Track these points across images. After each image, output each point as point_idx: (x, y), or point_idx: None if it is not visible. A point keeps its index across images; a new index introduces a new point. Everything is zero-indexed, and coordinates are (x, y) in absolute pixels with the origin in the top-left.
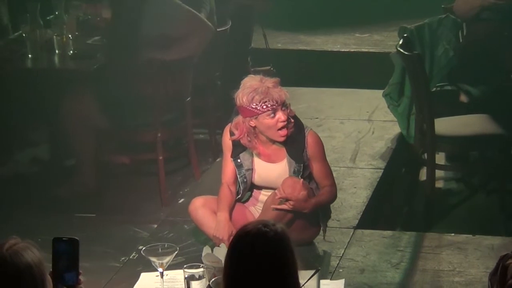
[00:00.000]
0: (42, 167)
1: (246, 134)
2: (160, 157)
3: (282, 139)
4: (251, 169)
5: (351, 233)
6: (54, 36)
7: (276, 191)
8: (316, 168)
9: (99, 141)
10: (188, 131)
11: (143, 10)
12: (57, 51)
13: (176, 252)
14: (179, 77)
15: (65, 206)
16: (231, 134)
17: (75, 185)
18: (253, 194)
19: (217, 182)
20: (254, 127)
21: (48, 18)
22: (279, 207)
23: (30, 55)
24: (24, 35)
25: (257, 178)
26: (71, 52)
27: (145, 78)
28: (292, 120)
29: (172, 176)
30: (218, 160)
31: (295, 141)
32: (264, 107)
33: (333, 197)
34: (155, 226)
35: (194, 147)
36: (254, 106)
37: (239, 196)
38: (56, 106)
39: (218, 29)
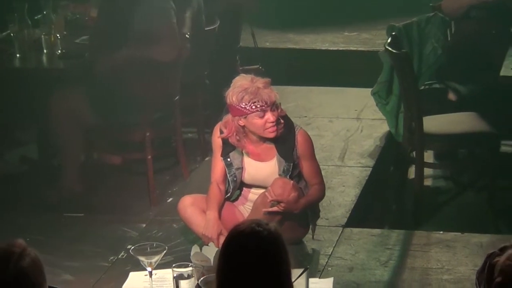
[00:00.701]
0: (31, 166)
1: (235, 133)
2: (149, 157)
3: (272, 135)
4: (241, 168)
5: (340, 232)
6: (42, 36)
7: (266, 192)
8: (305, 167)
9: (88, 140)
10: (177, 130)
11: (128, 10)
12: (45, 51)
13: (164, 251)
14: (167, 76)
15: (54, 206)
16: (221, 132)
17: (62, 190)
18: (242, 193)
19: (206, 181)
20: (243, 126)
21: (36, 17)
22: (270, 209)
23: (18, 55)
24: (12, 34)
25: (247, 177)
26: (60, 51)
27: (132, 78)
28: (282, 121)
29: (161, 175)
30: (206, 159)
31: (285, 140)
32: (253, 107)
33: (322, 195)
34: (144, 225)
35: (182, 146)
36: (243, 106)
37: (228, 195)
38: (44, 105)
39: (206, 28)
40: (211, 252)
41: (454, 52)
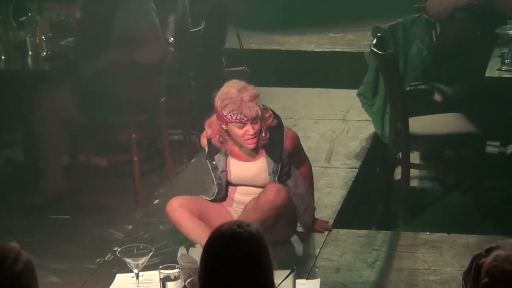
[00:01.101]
0: (16, 168)
1: (218, 135)
2: (135, 158)
3: (250, 147)
4: (225, 171)
5: (327, 233)
6: (27, 38)
7: (258, 197)
8: (296, 159)
9: (74, 142)
10: (163, 131)
11: (109, 12)
12: (30, 53)
13: (151, 253)
14: (153, 77)
15: (40, 208)
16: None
17: (45, 192)
18: (228, 194)
19: (192, 182)
20: (226, 130)
21: (21, 19)
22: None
23: (3, 57)
24: None
25: (233, 178)
26: (45, 53)
27: (118, 79)
28: (264, 135)
29: (147, 177)
30: (193, 160)
31: (274, 141)
32: (234, 117)
33: (311, 171)
34: (130, 227)
35: (168, 147)
36: (225, 114)
37: (213, 198)
38: (29, 107)
39: (191, 30)
40: (197, 254)
41: (440, 53)
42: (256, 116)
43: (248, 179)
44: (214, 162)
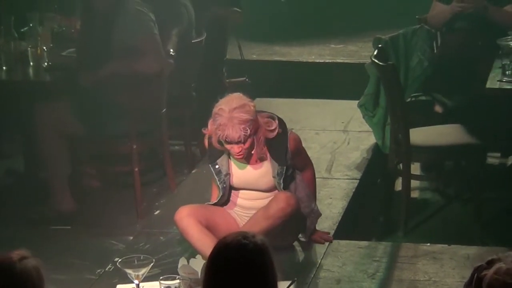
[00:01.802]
0: (17, 179)
1: (216, 136)
2: (136, 169)
3: (238, 158)
4: (229, 174)
5: (327, 244)
6: (29, 48)
7: (268, 206)
8: (299, 160)
9: (75, 153)
10: (164, 142)
11: (108, 23)
12: (31, 63)
13: (152, 264)
14: (154, 88)
15: (41, 219)
16: (209, 138)
17: (49, 210)
18: (230, 198)
19: (193, 193)
20: None
21: (22, 30)
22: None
23: (4, 67)
24: None
25: (235, 181)
26: (46, 64)
27: (119, 90)
28: (253, 152)
29: (148, 188)
30: (194, 171)
31: (278, 143)
32: (218, 134)
33: (314, 176)
34: (131, 238)
35: (169, 158)
36: (214, 127)
37: (216, 201)
38: (30, 118)
39: (193, 41)
40: (198, 264)
41: (441, 64)
42: (239, 141)
43: (252, 182)
44: (217, 166)
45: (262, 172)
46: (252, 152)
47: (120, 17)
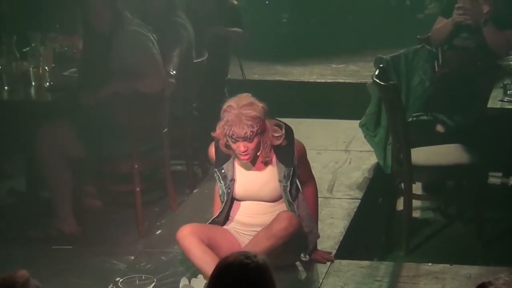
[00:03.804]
0: (19, 199)
1: (224, 138)
2: (137, 189)
3: (243, 160)
4: (234, 179)
5: (329, 264)
6: (31, 68)
7: (271, 226)
8: (302, 168)
9: (76, 173)
10: (165, 162)
11: (107, 44)
12: (33, 83)
13: (153, 284)
14: (155, 108)
15: (42, 239)
16: (216, 142)
17: (52, 231)
18: (230, 214)
19: (194, 213)
20: None
21: (24, 50)
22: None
23: (6, 87)
24: (0, 67)
25: (238, 190)
26: (48, 84)
27: (120, 110)
28: (258, 154)
29: (149, 208)
30: (195, 191)
31: (284, 146)
32: (225, 131)
33: (317, 194)
34: (132, 257)
35: (171, 178)
36: (222, 124)
37: (219, 212)
38: (32, 138)
39: (194, 60)
40: (200, 284)
41: (442, 84)
42: (245, 137)
43: (255, 190)
44: (223, 171)
45: (267, 177)
46: (258, 154)
47: (119, 38)
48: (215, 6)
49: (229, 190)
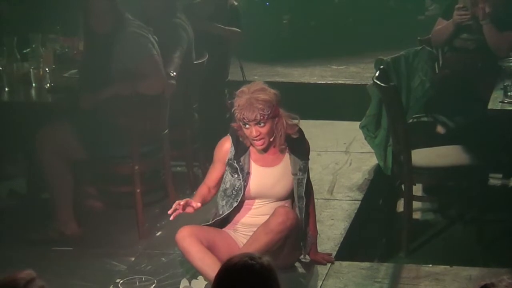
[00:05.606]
0: (19, 200)
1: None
2: (138, 190)
3: (258, 147)
4: (249, 173)
5: (329, 265)
6: (31, 69)
7: (268, 221)
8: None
9: (77, 174)
10: (166, 163)
11: (108, 46)
12: (34, 84)
13: (153, 285)
14: (156, 110)
15: (43, 240)
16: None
17: (53, 232)
18: (235, 218)
19: (195, 215)
20: None
21: (25, 51)
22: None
23: (6, 88)
24: (0, 68)
25: (251, 186)
26: (48, 85)
27: (121, 111)
28: (271, 139)
29: (150, 209)
30: (195, 192)
31: (298, 141)
32: (237, 115)
33: (313, 199)
34: (133, 259)
35: (171, 179)
36: (234, 110)
37: (236, 204)
38: (33, 139)
39: (194, 62)
40: (200, 285)
41: (442, 85)
42: (255, 120)
43: (267, 187)
44: (240, 163)
45: (280, 173)
46: (271, 139)
47: (120, 40)
48: (215, 6)
49: (245, 183)
